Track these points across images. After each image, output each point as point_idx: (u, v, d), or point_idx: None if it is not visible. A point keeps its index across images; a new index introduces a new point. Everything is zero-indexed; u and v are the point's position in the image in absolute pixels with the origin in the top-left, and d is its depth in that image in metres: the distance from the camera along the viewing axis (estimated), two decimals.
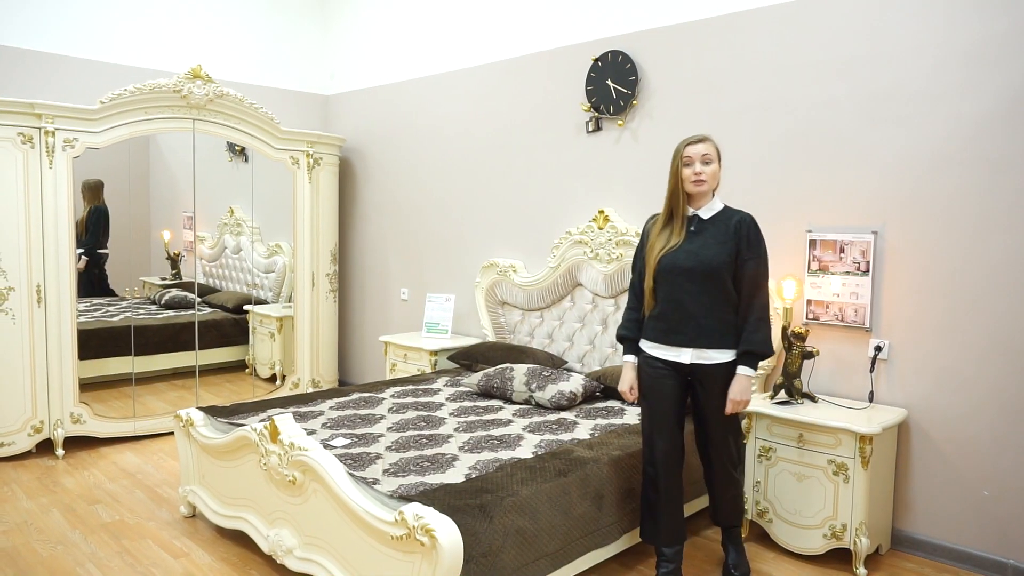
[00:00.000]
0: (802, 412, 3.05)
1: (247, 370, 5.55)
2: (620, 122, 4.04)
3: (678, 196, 2.67)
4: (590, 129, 4.17)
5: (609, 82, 4.04)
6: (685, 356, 2.66)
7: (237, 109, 4.77)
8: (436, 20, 5.12)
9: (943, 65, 3.02)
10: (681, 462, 2.77)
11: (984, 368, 2.98)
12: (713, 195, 2.72)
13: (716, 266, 2.59)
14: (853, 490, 2.90)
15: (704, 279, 2.60)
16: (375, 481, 2.53)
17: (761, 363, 3.49)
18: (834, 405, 3.17)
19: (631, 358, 2.82)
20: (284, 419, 2.75)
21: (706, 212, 2.70)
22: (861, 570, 2.90)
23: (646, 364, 2.76)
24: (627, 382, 2.82)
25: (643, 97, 3.96)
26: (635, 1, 3.99)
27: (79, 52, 4.73)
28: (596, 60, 4.08)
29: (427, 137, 5.21)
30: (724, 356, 2.64)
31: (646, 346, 2.76)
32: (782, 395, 3.22)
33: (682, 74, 3.81)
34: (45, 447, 4.28)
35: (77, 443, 4.38)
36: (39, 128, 4.05)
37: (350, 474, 2.53)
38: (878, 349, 3.21)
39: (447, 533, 2.14)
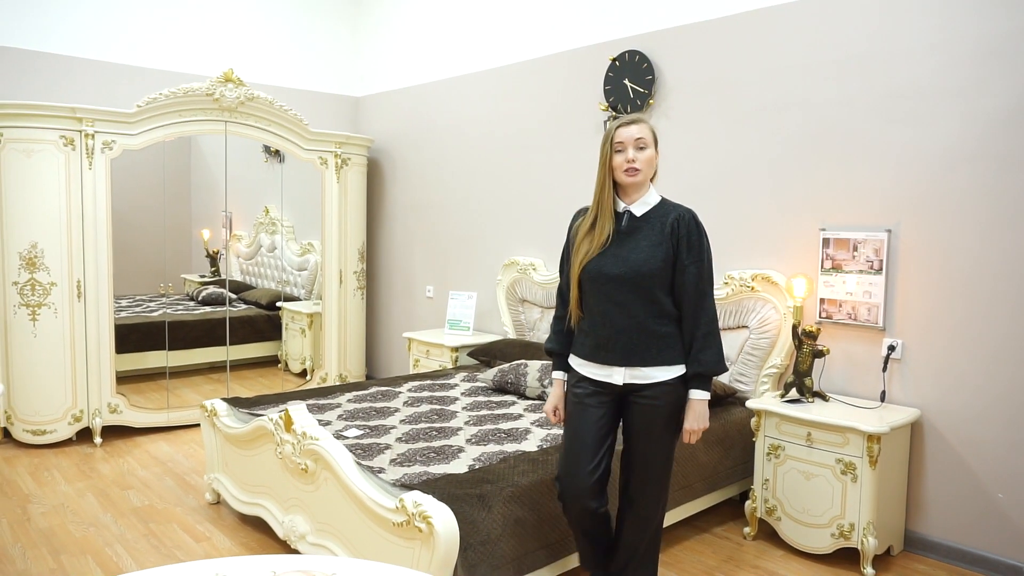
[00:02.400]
0: (813, 411, 3.04)
1: (280, 365, 5.72)
2: None
3: (607, 188, 2.30)
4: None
5: (626, 82, 4.07)
6: (617, 376, 2.29)
7: (267, 111, 4.92)
8: (460, 22, 5.21)
9: (956, 62, 2.99)
10: (602, 497, 2.38)
11: (1000, 368, 2.94)
12: (650, 186, 2.35)
13: (648, 272, 2.22)
14: (861, 490, 2.88)
15: (634, 288, 2.23)
16: (381, 470, 2.62)
17: (774, 363, 3.50)
18: (845, 404, 3.15)
19: (559, 375, 2.47)
20: (298, 409, 2.86)
21: (639, 207, 2.30)
22: (869, 570, 2.88)
23: (573, 384, 2.40)
24: (552, 402, 2.49)
25: (659, 96, 3.98)
26: (652, 1, 4.01)
27: (116, 58, 4.93)
28: (614, 60, 4.12)
29: (451, 137, 5.31)
30: (662, 374, 2.27)
31: (575, 363, 2.39)
32: (793, 393, 3.21)
33: (697, 73, 3.82)
34: (85, 435, 4.49)
35: (114, 432, 4.58)
36: (80, 131, 4.25)
37: (357, 463, 2.62)
38: (891, 348, 3.18)
39: (443, 520, 2.21)
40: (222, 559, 1.37)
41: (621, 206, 2.31)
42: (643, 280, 2.23)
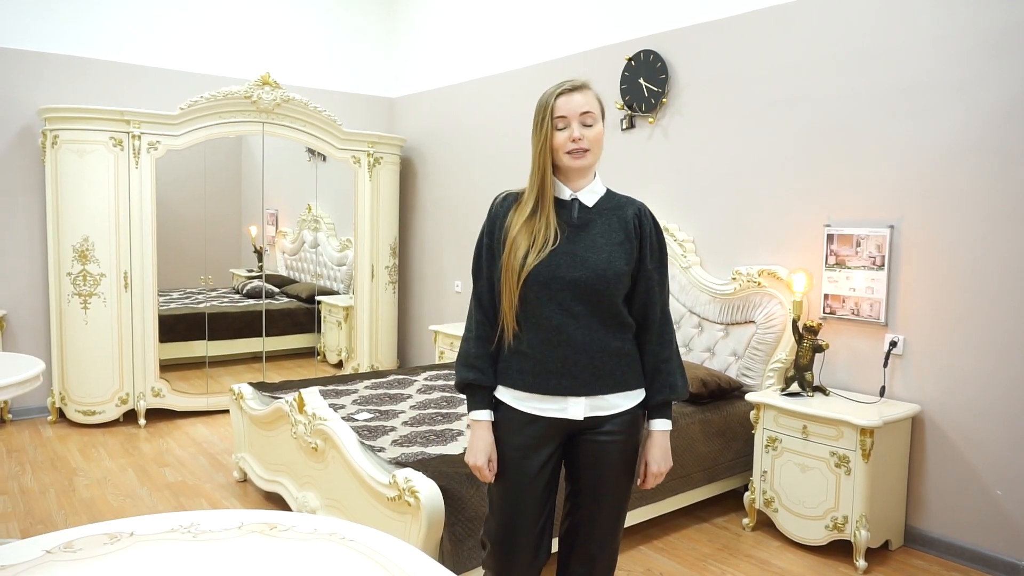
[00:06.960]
0: (811, 404, 3.08)
1: (318, 356, 5.98)
2: (651, 119, 4.14)
3: (548, 174, 1.79)
4: (624, 127, 4.30)
5: (641, 80, 4.15)
6: (575, 409, 1.78)
7: (302, 112, 5.17)
8: (486, 25, 5.36)
9: (958, 57, 2.99)
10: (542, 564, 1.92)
11: (1001, 365, 2.92)
12: (594, 171, 1.87)
13: (613, 276, 1.75)
14: (854, 482, 2.91)
15: (595, 295, 1.75)
16: (381, 449, 2.79)
17: (779, 357, 3.53)
18: (844, 399, 3.18)
19: (484, 415, 1.84)
20: (310, 393, 3.06)
21: (588, 196, 1.82)
22: (861, 562, 2.91)
23: (507, 425, 1.83)
24: (483, 452, 1.82)
25: (673, 95, 4.05)
26: (667, 1, 4.08)
27: (160, 63, 5.23)
28: (629, 59, 4.20)
29: (478, 136, 5.46)
30: (627, 401, 1.82)
31: (509, 396, 1.82)
32: (794, 387, 3.25)
33: (709, 71, 3.88)
34: (131, 417, 4.81)
35: (158, 415, 4.89)
36: (127, 133, 4.56)
37: (361, 442, 2.80)
38: (893, 344, 3.19)
39: (429, 494, 2.36)
40: (197, 511, 1.54)
41: (567, 193, 1.82)
42: (607, 286, 1.76)
